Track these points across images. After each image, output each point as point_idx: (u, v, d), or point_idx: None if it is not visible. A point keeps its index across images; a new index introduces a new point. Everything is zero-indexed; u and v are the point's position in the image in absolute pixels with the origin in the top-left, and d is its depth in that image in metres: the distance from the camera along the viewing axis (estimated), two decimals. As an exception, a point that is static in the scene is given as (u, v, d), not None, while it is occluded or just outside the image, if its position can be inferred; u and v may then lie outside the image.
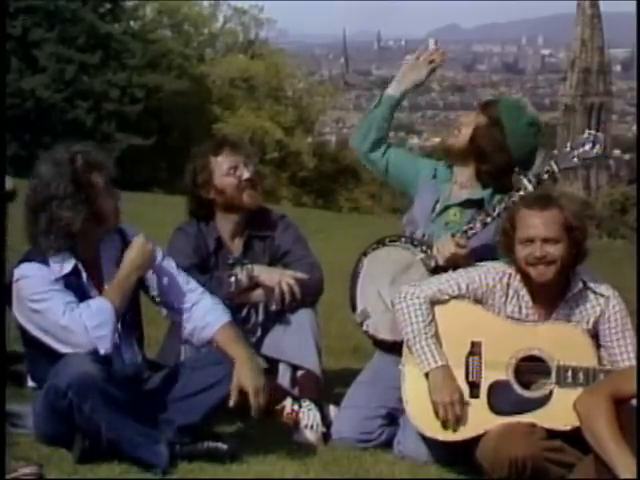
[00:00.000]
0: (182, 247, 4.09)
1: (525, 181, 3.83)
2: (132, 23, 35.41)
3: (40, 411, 3.46)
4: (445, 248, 3.83)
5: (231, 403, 3.42)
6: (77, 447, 3.35)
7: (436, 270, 3.84)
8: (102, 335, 3.36)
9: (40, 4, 31.10)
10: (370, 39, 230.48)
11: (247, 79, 39.48)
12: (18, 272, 3.44)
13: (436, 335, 3.62)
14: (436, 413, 3.55)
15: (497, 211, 3.82)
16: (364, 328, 3.99)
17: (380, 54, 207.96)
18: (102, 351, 3.35)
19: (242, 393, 3.43)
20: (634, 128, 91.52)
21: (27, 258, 3.46)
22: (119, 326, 3.46)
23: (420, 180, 4.13)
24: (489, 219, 3.82)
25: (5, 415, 3.44)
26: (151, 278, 3.60)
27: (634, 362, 3.53)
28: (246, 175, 4.11)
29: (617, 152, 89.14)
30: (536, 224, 3.56)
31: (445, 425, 3.55)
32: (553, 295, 3.63)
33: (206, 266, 4.11)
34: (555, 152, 3.93)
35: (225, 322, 3.58)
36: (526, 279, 3.62)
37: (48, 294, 3.38)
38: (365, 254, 4.02)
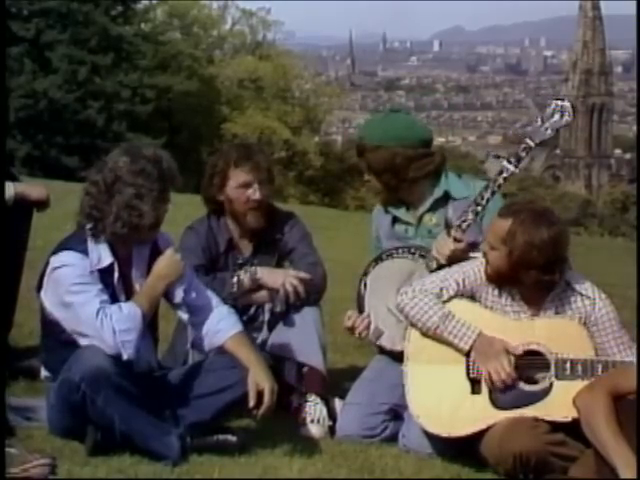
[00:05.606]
0: (192, 247, 4.11)
1: (506, 163, 3.86)
2: (143, 25, 35.38)
3: (53, 404, 3.49)
4: (444, 246, 3.87)
5: (251, 403, 3.47)
6: (89, 439, 3.38)
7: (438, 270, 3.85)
8: (128, 340, 3.37)
9: (53, 7, 31.09)
10: (376, 41, 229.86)
11: (255, 80, 39.43)
12: (59, 259, 3.43)
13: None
14: (491, 381, 3.58)
15: (485, 198, 3.85)
16: (380, 344, 3.98)
17: (386, 55, 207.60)
18: (125, 356, 3.36)
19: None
20: (634, 128, 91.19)
21: (67, 246, 3.46)
22: None
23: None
24: (479, 208, 3.85)
25: (5, 414, 3.44)
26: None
27: (627, 360, 3.56)
28: (256, 196, 4.09)
29: (618, 152, 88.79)
30: (490, 226, 3.70)
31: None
32: (537, 293, 3.68)
33: (215, 266, 4.13)
34: (528, 129, 3.94)
35: (238, 330, 3.62)
36: None
37: (86, 287, 3.39)
38: (365, 274, 4.02)
